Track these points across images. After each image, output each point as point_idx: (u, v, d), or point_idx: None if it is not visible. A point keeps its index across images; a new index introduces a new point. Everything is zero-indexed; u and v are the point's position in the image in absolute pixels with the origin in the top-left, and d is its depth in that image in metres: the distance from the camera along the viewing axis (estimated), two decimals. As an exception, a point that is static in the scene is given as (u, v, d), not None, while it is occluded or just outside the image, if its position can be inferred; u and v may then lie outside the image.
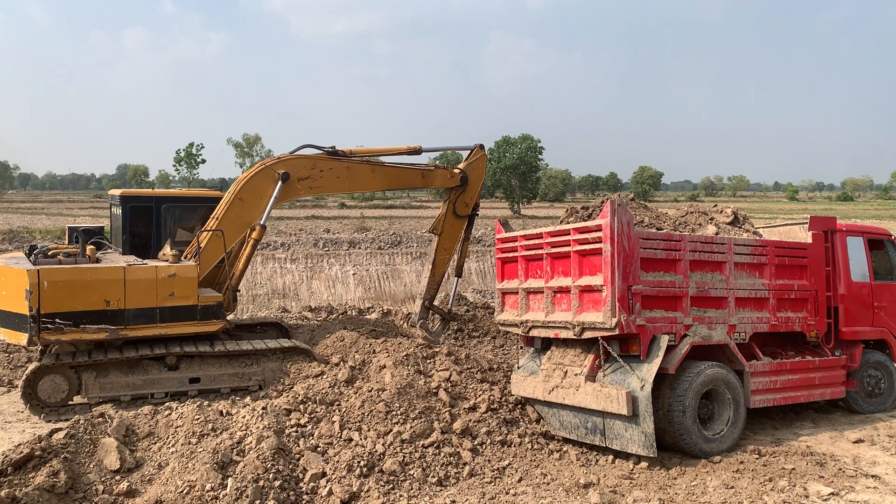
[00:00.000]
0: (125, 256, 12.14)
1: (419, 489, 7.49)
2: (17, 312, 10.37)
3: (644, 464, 8.12)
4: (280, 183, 12.10)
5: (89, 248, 11.57)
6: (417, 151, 13.63)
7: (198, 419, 8.22)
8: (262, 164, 12.40)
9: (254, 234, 12.08)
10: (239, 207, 12.03)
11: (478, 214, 14.44)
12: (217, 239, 11.79)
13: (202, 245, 11.69)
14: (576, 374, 8.75)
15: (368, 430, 8.25)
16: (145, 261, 11.58)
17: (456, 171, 13.83)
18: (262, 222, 12.10)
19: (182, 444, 7.79)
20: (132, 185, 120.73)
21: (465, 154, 14.20)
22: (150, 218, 12.62)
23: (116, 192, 13.47)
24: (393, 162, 13.48)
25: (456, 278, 14.83)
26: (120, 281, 10.71)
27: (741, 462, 8.12)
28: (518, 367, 9.85)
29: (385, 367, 9.58)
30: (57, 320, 10.29)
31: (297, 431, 8.11)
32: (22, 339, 10.30)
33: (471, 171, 13.93)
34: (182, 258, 11.59)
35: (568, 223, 9.47)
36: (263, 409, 8.33)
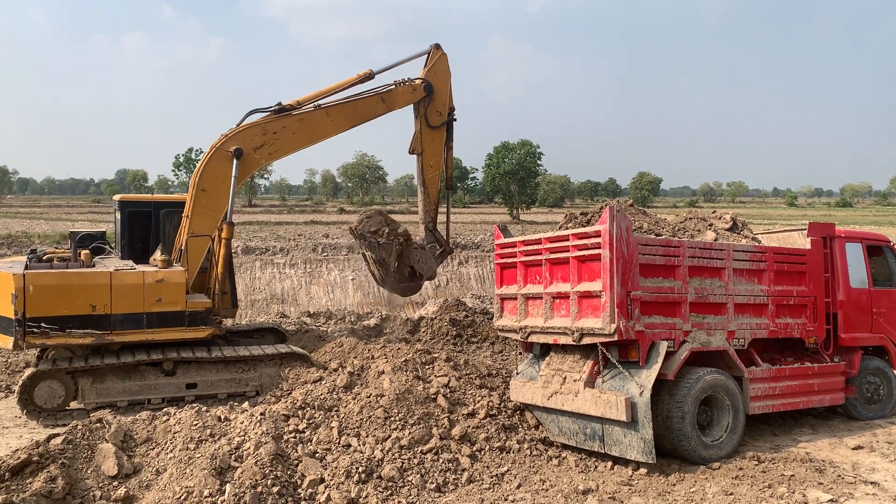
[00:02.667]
0: (123, 262, 12.12)
1: (417, 495, 7.47)
2: (3, 316, 10.45)
3: (643, 470, 8.10)
4: (235, 161, 11.72)
5: (84, 252, 11.57)
6: (369, 76, 12.82)
7: (196, 425, 8.20)
8: (211, 148, 11.97)
9: (223, 234, 11.80)
10: (205, 199, 11.77)
11: (455, 119, 13.45)
12: (198, 241, 11.66)
13: (185, 249, 11.58)
14: (575, 380, 8.73)
15: (367, 436, 8.23)
16: (135, 266, 11.56)
17: (417, 81, 12.97)
18: (228, 220, 11.80)
19: (180, 450, 7.77)
20: (131, 190, 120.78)
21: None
22: (148, 223, 12.58)
23: (118, 197, 13.48)
24: (346, 97, 12.65)
25: (449, 192, 14.01)
26: (106, 286, 10.75)
27: (740, 468, 8.10)
28: (517, 373, 9.83)
29: (384, 372, 9.57)
30: (43, 325, 10.36)
31: (295, 437, 8.09)
32: (8, 342, 10.38)
33: (433, 77, 13.08)
34: (174, 263, 11.56)
35: (567, 229, 9.47)
36: (262, 414, 8.31)
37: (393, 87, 12.86)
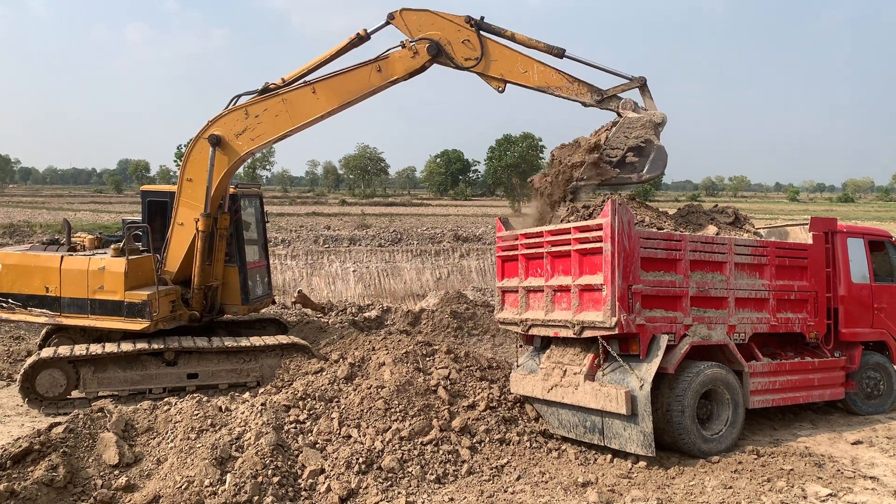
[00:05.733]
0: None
1: (417, 486, 7.49)
2: None
3: (642, 463, 8.12)
4: (212, 149, 11.28)
5: (89, 238, 11.71)
6: (363, 38, 11.10)
7: (197, 415, 8.23)
8: (195, 137, 11.58)
9: (200, 226, 11.53)
10: (190, 189, 11.59)
11: (482, 17, 10.98)
12: (182, 232, 11.64)
13: (169, 240, 11.60)
14: (575, 373, 8.74)
15: (367, 427, 8.25)
16: (93, 252, 11.77)
17: (417, 45, 10.83)
18: (205, 212, 11.44)
19: (181, 440, 7.80)
20: (133, 180, 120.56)
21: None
22: (166, 212, 12.57)
23: (142, 187, 13.69)
24: (334, 71, 11.22)
25: (563, 54, 10.95)
26: (56, 269, 11.21)
27: (739, 462, 8.11)
28: (517, 366, 9.85)
29: (384, 364, 9.58)
30: (10, 300, 11.21)
31: (295, 428, 8.11)
32: None
33: (426, 32, 10.89)
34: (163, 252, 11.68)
35: (568, 222, 9.46)
36: (262, 405, 8.33)
37: (388, 55, 10.96)
